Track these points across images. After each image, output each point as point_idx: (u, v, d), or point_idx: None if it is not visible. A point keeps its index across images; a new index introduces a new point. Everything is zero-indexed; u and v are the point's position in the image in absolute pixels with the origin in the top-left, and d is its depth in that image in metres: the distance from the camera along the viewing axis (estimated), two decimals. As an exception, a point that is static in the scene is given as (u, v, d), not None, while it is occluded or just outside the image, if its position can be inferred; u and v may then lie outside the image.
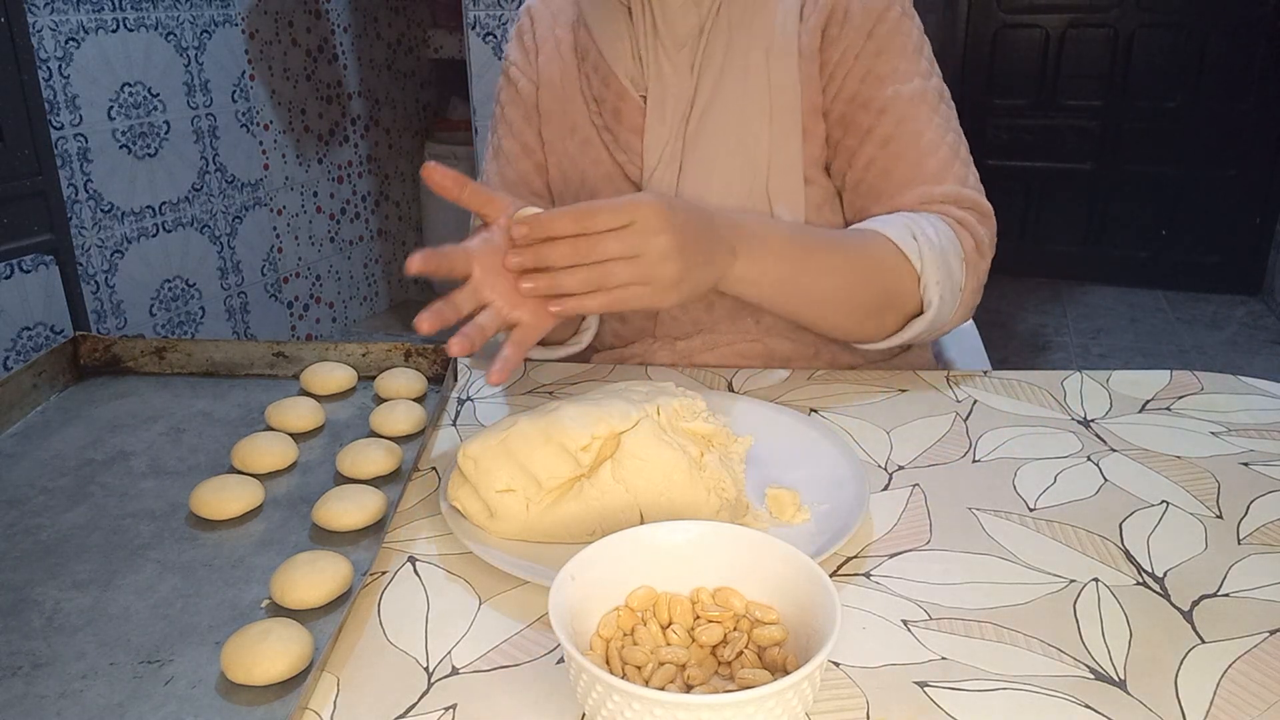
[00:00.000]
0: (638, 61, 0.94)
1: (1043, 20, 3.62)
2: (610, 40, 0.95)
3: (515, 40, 1.04)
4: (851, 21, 0.89)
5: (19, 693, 0.49)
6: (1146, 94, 3.54)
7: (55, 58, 2.14)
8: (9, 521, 0.65)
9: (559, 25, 1.01)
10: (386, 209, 3.43)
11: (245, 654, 0.49)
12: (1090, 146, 3.67)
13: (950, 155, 0.89)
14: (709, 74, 0.91)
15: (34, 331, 2.14)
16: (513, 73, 1.03)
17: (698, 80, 0.92)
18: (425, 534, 0.64)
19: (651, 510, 0.60)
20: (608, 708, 0.41)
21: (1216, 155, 3.50)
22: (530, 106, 1.02)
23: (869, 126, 0.89)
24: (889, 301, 0.83)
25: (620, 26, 0.95)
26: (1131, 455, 0.72)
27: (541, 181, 1.03)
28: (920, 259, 0.82)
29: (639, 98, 0.94)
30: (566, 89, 0.99)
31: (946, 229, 0.85)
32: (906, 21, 0.91)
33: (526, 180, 1.03)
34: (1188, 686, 0.48)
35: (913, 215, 0.85)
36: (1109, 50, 3.55)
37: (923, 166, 0.88)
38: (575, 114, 0.98)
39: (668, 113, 0.93)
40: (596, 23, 0.97)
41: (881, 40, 0.89)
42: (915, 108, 0.89)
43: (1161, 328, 3.36)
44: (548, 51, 1.01)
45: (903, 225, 0.83)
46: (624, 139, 0.95)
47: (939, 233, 0.84)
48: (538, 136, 1.02)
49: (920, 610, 0.55)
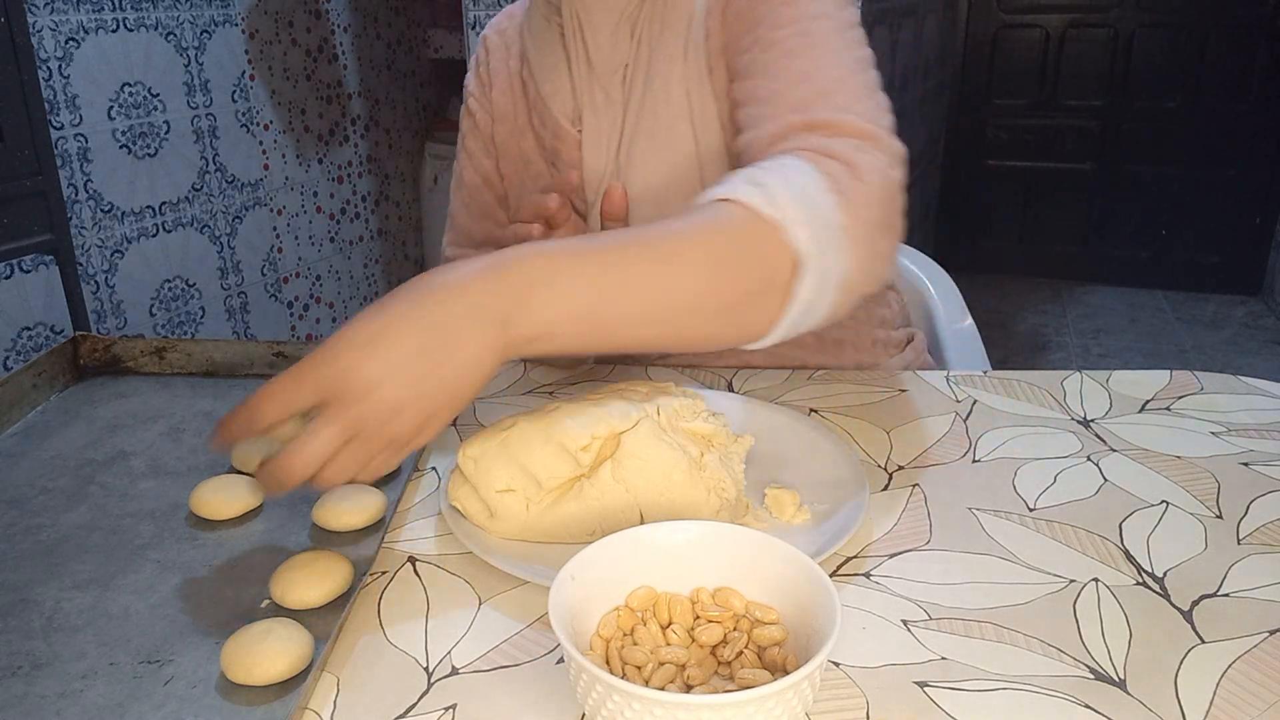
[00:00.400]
0: (573, 95, 0.93)
1: (1043, 20, 3.62)
2: (546, 74, 0.94)
3: (473, 70, 1.03)
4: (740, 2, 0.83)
5: (19, 693, 0.49)
6: (1146, 94, 3.54)
7: (55, 58, 2.14)
8: (9, 521, 0.65)
9: (511, 56, 0.99)
10: (386, 209, 3.43)
11: (245, 654, 0.49)
12: (1090, 146, 3.67)
13: (831, 84, 0.75)
14: (634, 99, 0.89)
15: (34, 331, 2.14)
16: (471, 103, 1.02)
17: (623, 111, 0.90)
18: (425, 534, 0.64)
19: (651, 510, 0.60)
20: (608, 708, 0.41)
21: (1216, 155, 3.50)
22: (488, 138, 1.01)
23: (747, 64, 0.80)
24: (756, 277, 0.63)
25: (556, 59, 0.93)
26: (1131, 455, 0.72)
27: (505, 213, 1.02)
28: (774, 205, 0.62)
29: (574, 132, 0.93)
30: (519, 121, 0.99)
31: (797, 161, 0.67)
32: None
33: (490, 213, 1.03)
34: (1188, 686, 0.48)
35: (752, 166, 0.67)
36: (1109, 50, 3.55)
37: (787, 96, 0.75)
38: (527, 147, 0.98)
39: (602, 144, 0.91)
40: (534, 57, 0.95)
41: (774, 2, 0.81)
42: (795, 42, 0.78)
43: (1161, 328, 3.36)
44: (500, 84, 1.00)
45: (739, 179, 0.65)
46: (565, 170, 0.94)
47: (788, 168, 0.66)
48: (496, 169, 1.02)
49: (920, 610, 0.55)
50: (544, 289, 0.56)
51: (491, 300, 0.55)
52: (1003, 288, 3.70)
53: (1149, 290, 3.69)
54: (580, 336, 0.58)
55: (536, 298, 0.56)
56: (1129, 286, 3.71)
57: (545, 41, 0.94)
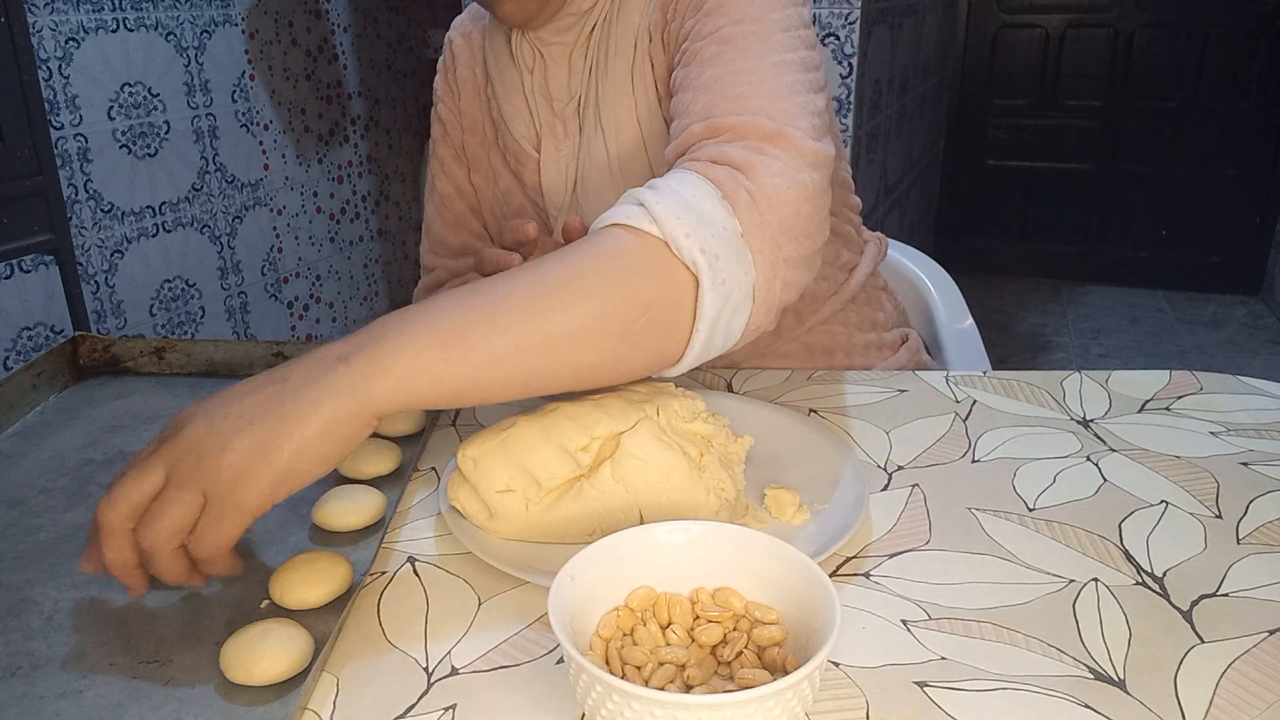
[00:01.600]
0: (533, 121, 0.92)
1: (1043, 20, 3.62)
2: (507, 95, 0.93)
3: (441, 76, 1.01)
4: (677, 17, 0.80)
5: (19, 693, 0.49)
6: (1146, 94, 3.54)
7: (55, 58, 2.14)
8: (9, 521, 0.65)
9: (476, 64, 0.98)
10: (386, 209, 3.43)
11: (245, 654, 0.49)
12: (1090, 146, 3.67)
13: (741, 88, 0.70)
14: (586, 128, 0.89)
15: (34, 331, 2.14)
16: (441, 110, 1.00)
17: (580, 136, 0.90)
18: (425, 534, 0.64)
19: (651, 510, 0.60)
20: (607, 708, 0.41)
21: (1216, 155, 3.50)
22: (459, 147, 1.00)
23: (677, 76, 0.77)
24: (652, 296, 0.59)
25: (513, 82, 0.93)
26: (1131, 455, 0.72)
27: (480, 223, 1.02)
28: (656, 220, 0.59)
29: (534, 153, 0.93)
30: (487, 134, 0.98)
31: (685, 174, 0.64)
32: None
33: (464, 223, 1.02)
34: (1187, 686, 0.48)
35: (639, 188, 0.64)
36: (1109, 50, 3.56)
37: (696, 105, 0.71)
38: (496, 162, 0.97)
39: (562, 171, 0.91)
40: (497, 78, 0.94)
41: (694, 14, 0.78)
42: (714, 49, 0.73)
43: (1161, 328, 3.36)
44: (468, 93, 0.98)
45: (620, 203, 0.63)
46: (529, 191, 0.94)
47: (675, 181, 0.63)
48: (469, 178, 1.01)
49: (920, 610, 0.55)
50: (394, 338, 0.54)
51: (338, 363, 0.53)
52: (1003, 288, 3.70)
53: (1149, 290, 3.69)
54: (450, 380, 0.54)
55: (386, 345, 0.54)
56: (1129, 286, 3.71)
57: (504, 62, 0.93)
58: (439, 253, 1.03)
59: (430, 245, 1.04)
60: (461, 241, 1.02)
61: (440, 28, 3.34)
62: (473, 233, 1.01)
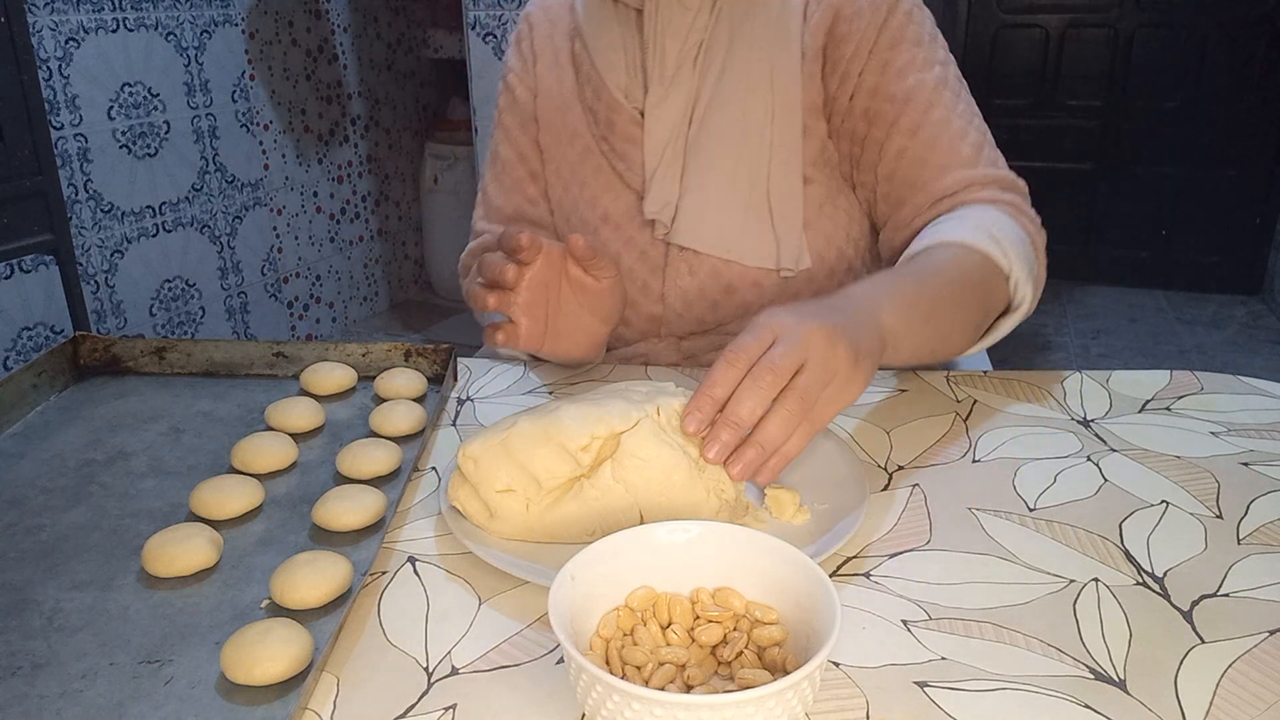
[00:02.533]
0: (632, 73, 0.94)
1: (1043, 20, 3.62)
2: (604, 51, 0.96)
3: (514, 48, 1.05)
4: (861, 17, 0.89)
5: (19, 693, 0.49)
6: (1146, 94, 3.54)
7: (55, 58, 2.14)
8: (9, 521, 0.65)
9: (557, 33, 1.02)
10: (386, 209, 3.43)
11: (245, 654, 0.49)
12: (1090, 146, 3.67)
13: (980, 139, 0.89)
14: (709, 77, 0.91)
15: (34, 331, 2.14)
16: (510, 79, 1.04)
17: (699, 84, 0.92)
18: (425, 534, 0.64)
19: (651, 510, 0.60)
20: (607, 708, 0.41)
21: (1216, 155, 3.50)
22: (527, 114, 1.03)
23: (894, 117, 0.88)
24: (987, 314, 0.82)
25: (615, 38, 0.95)
26: (1131, 455, 0.72)
27: (537, 189, 1.04)
28: (1007, 259, 0.80)
29: (633, 110, 0.94)
30: (565, 97, 1.00)
31: (1008, 219, 0.84)
32: (918, 12, 0.92)
33: (521, 187, 1.04)
34: (1187, 686, 0.48)
35: (975, 211, 0.84)
36: (1109, 50, 3.55)
37: (957, 151, 0.88)
38: (575, 122, 0.99)
39: (668, 118, 0.93)
40: (592, 34, 0.97)
41: (894, 32, 0.89)
42: (939, 94, 0.88)
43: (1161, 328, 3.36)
44: (546, 59, 1.02)
45: (976, 227, 0.81)
46: (620, 149, 0.96)
47: (1008, 224, 0.83)
48: (534, 144, 1.03)
49: (920, 610, 0.55)
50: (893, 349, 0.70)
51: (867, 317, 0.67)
52: (1003, 288, 3.69)
53: (1149, 290, 3.69)
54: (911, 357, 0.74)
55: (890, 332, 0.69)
56: (1129, 286, 3.71)
57: (602, 18, 0.96)
58: (491, 219, 1.06)
59: (484, 212, 1.07)
60: (515, 207, 1.05)
61: (440, 28, 3.34)
62: (526, 198, 1.04)
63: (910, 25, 0.90)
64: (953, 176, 0.87)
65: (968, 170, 0.87)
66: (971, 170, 0.87)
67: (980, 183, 0.87)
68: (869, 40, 0.89)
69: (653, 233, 0.95)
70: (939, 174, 0.87)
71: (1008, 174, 0.89)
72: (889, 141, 0.89)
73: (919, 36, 0.90)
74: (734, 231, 0.93)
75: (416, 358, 0.88)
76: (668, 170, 0.93)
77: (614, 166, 0.96)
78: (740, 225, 0.93)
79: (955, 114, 0.89)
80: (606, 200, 0.98)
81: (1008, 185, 0.88)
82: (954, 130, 0.88)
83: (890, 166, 0.90)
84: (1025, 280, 0.81)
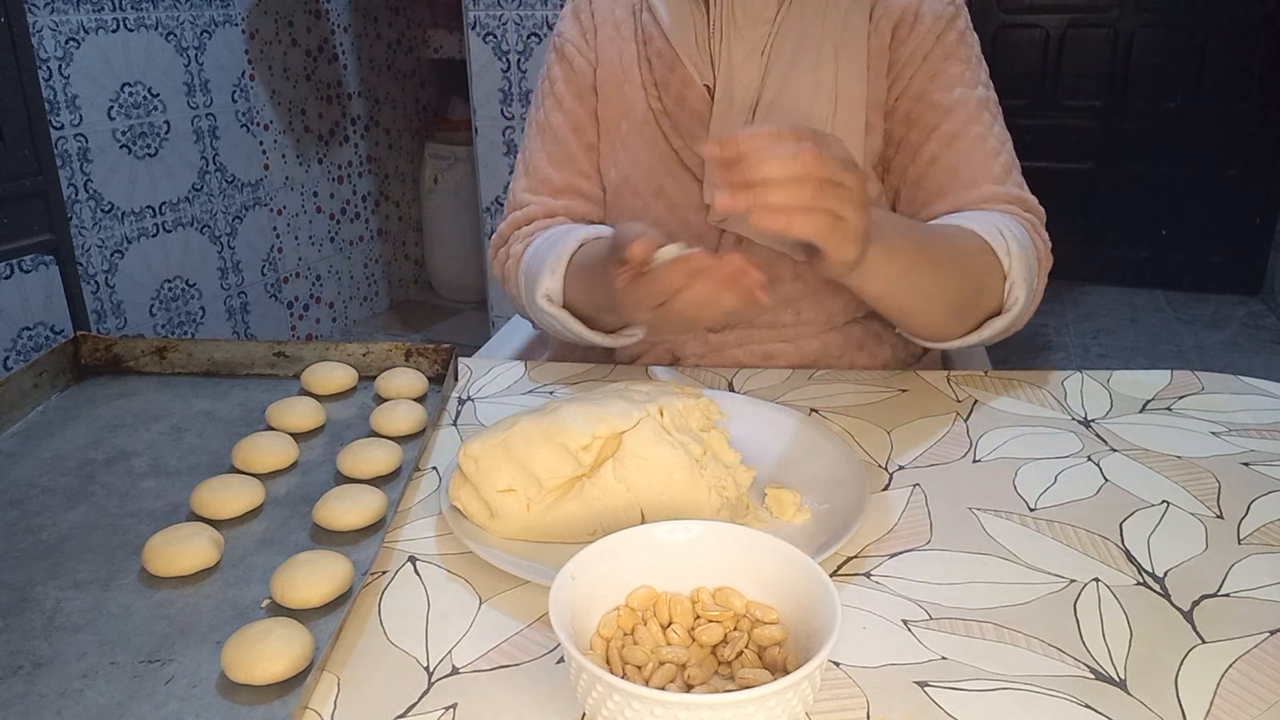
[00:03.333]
0: (702, 48, 0.93)
1: (1043, 20, 3.62)
2: (676, 24, 0.94)
3: (571, 17, 1.03)
4: (922, 24, 0.91)
5: (19, 692, 0.49)
6: (1146, 94, 3.54)
7: (55, 58, 2.14)
8: (9, 521, 0.65)
9: (618, 6, 1.00)
10: (386, 209, 3.43)
11: (245, 654, 0.49)
12: (1090, 146, 3.67)
13: (1010, 163, 0.92)
14: (778, 65, 0.91)
15: (34, 331, 2.14)
16: (568, 50, 1.01)
17: (766, 70, 0.91)
18: (425, 534, 0.64)
19: (653, 510, 0.60)
20: (608, 707, 0.41)
21: (1216, 155, 3.50)
22: (586, 85, 1.01)
23: (935, 124, 0.90)
24: (977, 299, 0.83)
25: (685, 10, 0.94)
26: (1132, 455, 0.72)
27: (590, 163, 1.02)
28: (1009, 257, 0.82)
29: (704, 86, 0.93)
30: (626, 71, 0.98)
31: (1022, 230, 0.86)
32: (970, 34, 0.94)
33: (574, 160, 1.01)
34: (1188, 686, 0.48)
35: (993, 214, 0.86)
36: (1109, 50, 3.55)
37: (989, 167, 0.90)
38: (633, 97, 0.98)
39: (735, 101, 0.92)
40: (664, 6, 0.96)
41: (949, 46, 0.92)
42: (979, 112, 0.91)
43: (1161, 328, 3.36)
44: (607, 31, 1.00)
45: (988, 222, 0.83)
46: (685, 126, 0.94)
47: (1020, 233, 0.85)
48: (592, 116, 1.01)
49: (920, 610, 0.55)
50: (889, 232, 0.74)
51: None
52: (1003, 288, 3.69)
53: (1149, 290, 3.69)
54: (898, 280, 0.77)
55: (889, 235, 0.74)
56: (1129, 286, 3.71)
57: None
58: (539, 190, 1.02)
59: (530, 184, 1.03)
60: (566, 180, 1.02)
61: (440, 28, 3.34)
62: (579, 171, 1.01)
63: (963, 44, 0.93)
64: (980, 191, 0.89)
65: (995, 187, 0.89)
66: (999, 188, 0.89)
67: (1005, 199, 0.89)
68: (925, 47, 0.91)
69: (707, 216, 0.94)
70: (969, 186, 0.89)
71: (1030, 198, 0.91)
72: (925, 146, 0.90)
73: (969, 56, 0.93)
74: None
75: (417, 358, 0.88)
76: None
77: (672, 144, 0.95)
78: None
79: (992, 134, 0.91)
80: (662, 176, 0.96)
81: (1029, 208, 0.90)
82: (989, 148, 0.90)
83: (921, 171, 0.91)
84: (1021, 284, 0.82)
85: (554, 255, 0.88)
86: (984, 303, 0.83)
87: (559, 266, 0.87)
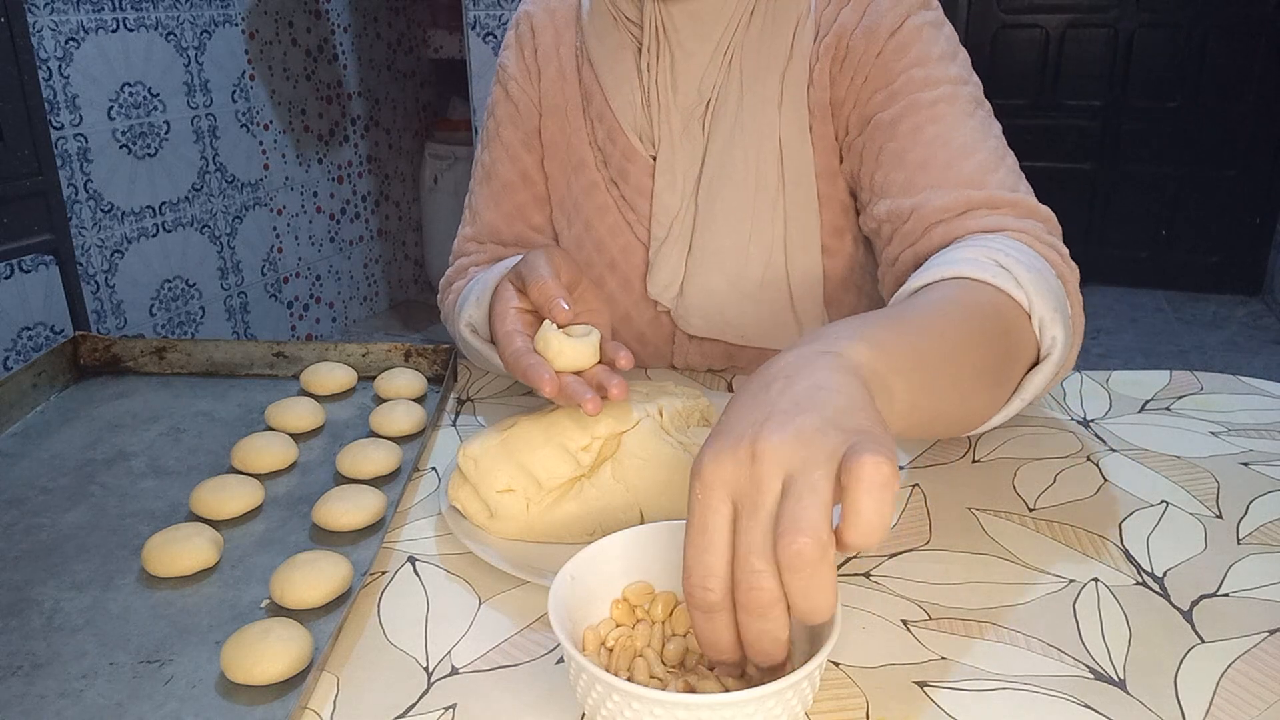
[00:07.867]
0: (646, 113, 0.84)
1: (1043, 20, 3.62)
2: (616, 85, 0.85)
3: (514, 49, 0.92)
4: (854, 52, 0.79)
5: (19, 692, 0.49)
6: (1146, 94, 3.54)
7: (55, 58, 2.14)
8: (9, 521, 0.65)
9: (563, 45, 0.90)
10: (386, 209, 3.43)
11: (245, 654, 0.49)
12: (1090, 146, 3.67)
13: (992, 161, 0.75)
14: (719, 135, 0.82)
15: (34, 331, 2.14)
16: (512, 89, 0.91)
17: (708, 142, 0.83)
18: (425, 534, 0.64)
19: (652, 510, 0.60)
20: (607, 707, 0.41)
21: (1216, 155, 3.50)
22: (531, 131, 0.91)
23: (892, 120, 0.77)
24: (1009, 355, 0.63)
25: (628, 69, 0.85)
26: (1131, 455, 0.72)
27: (542, 217, 0.94)
28: (1022, 290, 0.63)
29: (648, 158, 0.85)
30: (572, 121, 0.89)
31: (1020, 245, 0.68)
32: (929, 30, 0.79)
33: (524, 214, 0.93)
34: (1187, 686, 0.48)
35: (977, 243, 0.67)
36: (1109, 50, 3.55)
37: (956, 168, 0.74)
38: (581, 151, 0.89)
39: (678, 178, 0.84)
40: (601, 63, 0.86)
41: (891, 56, 0.78)
42: (944, 109, 0.76)
43: (1161, 328, 3.36)
44: (551, 74, 0.90)
45: (975, 257, 0.65)
46: (630, 198, 0.87)
47: (1022, 252, 0.66)
48: (539, 166, 0.92)
49: (920, 610, 0.55)
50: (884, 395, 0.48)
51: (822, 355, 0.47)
52: (1003, 288, 3.69)
53: (1149, 290, 3.69)
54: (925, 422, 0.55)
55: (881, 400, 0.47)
56: (1129, 286, 3.71)
57: (613, 46, 0.85)
58: (484, 240, 0.94)
59: (475, 233, 0.95)
60: (517, 234, 0.93)
61: (440, 28, 3.34)
62: (531, 225, 0.93)
63: (916, 45, 0.78)
64: (950, 196, 0.73)
65: (969, 191, 0.72)
66: (975, 191, 0.72)
67: (986, 205, 0.72)
68: (864, 68, 0.79)
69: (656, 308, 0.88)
70: (934, 187, 0.74)
71: (1028, 200, 0.73)
72: (886, 147, 0.78)
73: (925, 56, 0.78)
74: (748, 317, 0.85)
75: (416, 358, 0.88)
76: (673, 248, 0.85)
77: (623, 215, 0.88)
78: (754, 310, 0.85)
79: (961, 130, 0.75)
80: (614, 248, 0.89)
81: (1026, 211, 0.72)
82: (956, 147, 0.75)
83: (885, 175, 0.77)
84: (1053, 319, 0.63)
85: (480, 286, 0.79)
86: (1019, 356, 0.63)
87: (485, 296, 0.77)
